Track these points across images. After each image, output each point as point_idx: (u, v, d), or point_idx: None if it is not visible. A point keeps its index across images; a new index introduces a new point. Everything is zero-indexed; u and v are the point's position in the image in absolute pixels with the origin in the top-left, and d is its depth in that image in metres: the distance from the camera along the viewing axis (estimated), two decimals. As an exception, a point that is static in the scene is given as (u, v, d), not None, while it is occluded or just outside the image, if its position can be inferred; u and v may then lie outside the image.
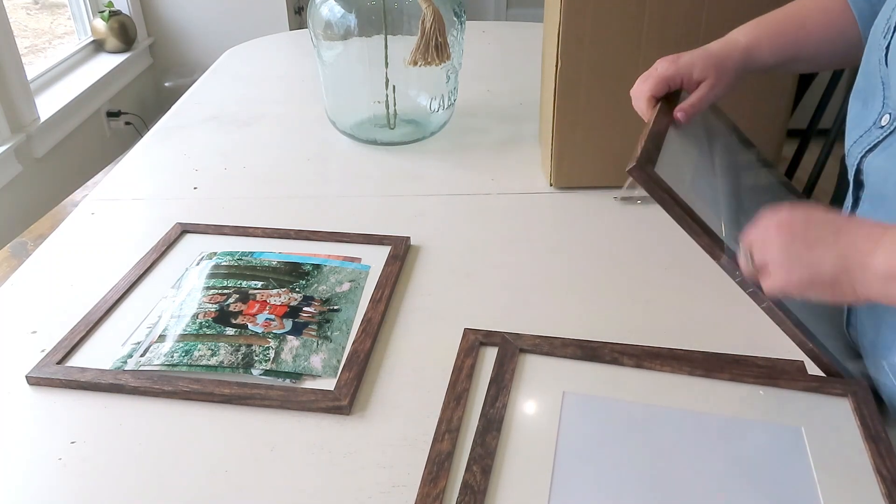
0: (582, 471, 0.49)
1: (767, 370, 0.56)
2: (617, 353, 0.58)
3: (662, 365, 0.57)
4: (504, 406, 0.54)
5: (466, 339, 0.62)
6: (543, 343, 0.59)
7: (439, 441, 0.52)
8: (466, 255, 0.77)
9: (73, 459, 0.53)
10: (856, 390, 0.54)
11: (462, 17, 0.97)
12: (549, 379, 0.56)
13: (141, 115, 2.49)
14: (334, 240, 0.78)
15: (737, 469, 0.49)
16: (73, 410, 0.57)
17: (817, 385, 0.54)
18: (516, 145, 1.03)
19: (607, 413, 0.53)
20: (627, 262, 0.76)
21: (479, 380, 0.58)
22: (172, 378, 0.58)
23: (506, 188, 0.91)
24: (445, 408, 0.55)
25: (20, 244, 0.91)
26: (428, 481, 0.49)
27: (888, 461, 0.49)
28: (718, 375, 0.56)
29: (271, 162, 0.99)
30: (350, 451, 0.53)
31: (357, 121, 1.04)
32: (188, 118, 1.15)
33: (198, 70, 2.58)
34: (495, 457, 0.50)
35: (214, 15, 2.55)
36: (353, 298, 0.69)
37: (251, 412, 0.57)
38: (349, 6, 0.94)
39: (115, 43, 2.42)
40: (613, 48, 0.83)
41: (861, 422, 0.51)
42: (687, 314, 0.67)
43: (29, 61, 2.16)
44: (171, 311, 0.66)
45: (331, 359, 0.61)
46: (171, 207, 0.88)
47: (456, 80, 1.02)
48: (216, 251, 0.76)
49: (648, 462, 0.49)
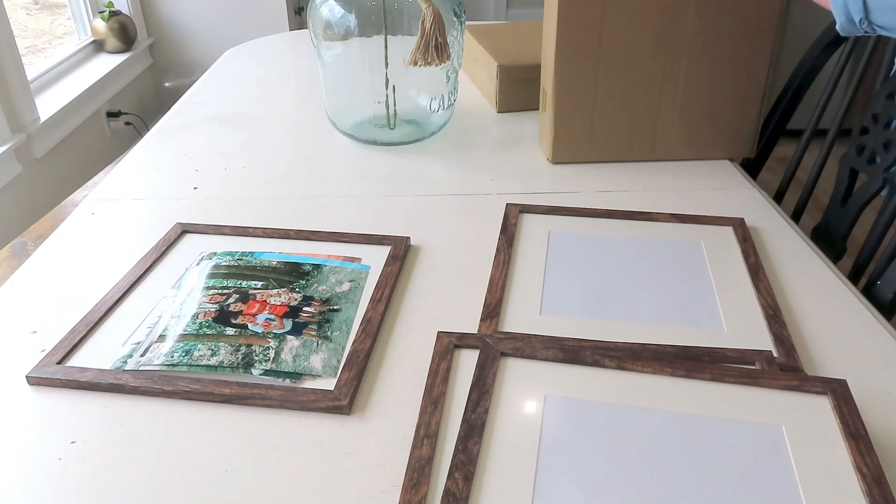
0: (565, 474, 0.49)
1: (748, 371, 0.56)
2: (598, 356, 0.58)
3: (644, 366, 0.57)
4: (486, 411, 0.54)
5: (440, 342, 0.61)
6: (525, 346, 0.59)
7: (418, 447, 0.52)
8: (466, 255, 0.77)
9: (73, 459, 0.53)
10: (835, 388, 0.54)
11: (462, 17, 0.98)
12: (531, 382, 0.56)
13: (141, 115, 2.49)
14: (334, 240, 0.78)
15: (719, 469, 0.49)
16: (73, 410, 0.57)
17: (797, 384, 0.54)
18: (516, 145, 1.04)
19: (589, 415, 0.53)
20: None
21: (454, 383, 0.58)
22: (172, 378, 0.58)
23: (506, 188, 0.91)
24: (423, 412, 0.55)
25: (20, 244, 0.91)
26: (409, 488, 0.49)
27: (868, 459, 0.49)
28: (699, 376, 0.56)
29: (271, 162, 1.00)
30: (350, 451, 0.53)
31: (357, 121, 1.04)
32: (188, 118, 1.15)
33: (198, 70, 2.59)
34: (477, 463, 0.50)
35: (214, 15, 2.55)
36: (353, 298, 0.69)
37: (251, 412, 0.57)
38: (349, 6, 0.94)
39: (115, 43, 2.42)
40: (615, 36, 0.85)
41: (841, 420, 0.52)
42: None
43: (29, 61, 2.16)
44: (171, 311, 0.67)
45: (331, 359, 0.61)
46: (171, 207, 0.88)
47: (456, 80, 1.02)
48: (216, 251, 0.76)
49: (631, 464, 0.50)
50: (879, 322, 0.66)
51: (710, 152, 0.97)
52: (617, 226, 0.80)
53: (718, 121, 0.95)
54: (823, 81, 1.02)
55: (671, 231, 0.79)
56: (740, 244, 0.76)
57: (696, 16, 0.87)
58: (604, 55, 0.89)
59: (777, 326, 0.63)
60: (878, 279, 0.76)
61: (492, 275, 0.71)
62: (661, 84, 0.92)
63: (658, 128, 0.95)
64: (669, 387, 0.55)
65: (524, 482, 0.49)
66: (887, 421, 0.55)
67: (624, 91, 0.92)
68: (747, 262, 0.72)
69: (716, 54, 0.90)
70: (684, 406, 0.54)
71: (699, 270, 0.72)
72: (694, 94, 0.93)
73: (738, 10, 0.88)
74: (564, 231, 0.79)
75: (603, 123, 0.94)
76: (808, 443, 0.51)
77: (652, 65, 0.90)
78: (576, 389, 0.56)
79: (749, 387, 0.55)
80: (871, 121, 0.88)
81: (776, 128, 1.08)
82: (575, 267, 0.73)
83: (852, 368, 0.60)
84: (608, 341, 0.62)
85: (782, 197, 1.01)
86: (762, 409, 0.53)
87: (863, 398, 0.57)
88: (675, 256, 0.74)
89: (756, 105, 0.94)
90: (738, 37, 0.89)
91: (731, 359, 0.60)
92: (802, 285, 0.71)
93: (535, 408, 0.54)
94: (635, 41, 0.89)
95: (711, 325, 0.64)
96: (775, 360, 0.59)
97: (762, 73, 0.92)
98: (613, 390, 0.55)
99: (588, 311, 0.66)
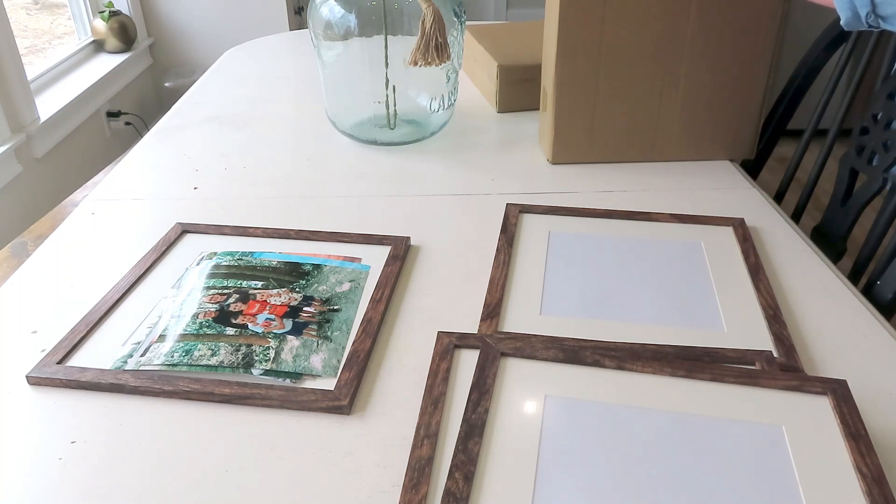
0: (565, 474, 0.49)
1: (748, 371, 0.56)
2: (598, 356, 0.58)
3: (644, 366, 0.57)
4: (486, 411, 0.54)
5: (440, 342, 0.61)
6: (525, 346, 0.59)
7: (418, 447, 0.52)
8: (466, 255, 0.77)
9: (73, 459, 0.53)
10: (835, 388, 0.54)
11: (462, 17, 0.98)
12: (531, 382, 0.56)
13: (141, 115, 2.49)
14: (334, 240, 0.78)
15: (719, 469, 0.49)
16: (73, 410, 0.57)
17: (797, 384, 0.54)
18: (516, 145, 1.04)
19: (589, 415, 0.53)
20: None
21: (454, 383, 0.58)
22: (172, 378, 0.58)
23: (506, 188, 0.91)
24: (423, 412, 0.55)
25: (20, 244, 0.91)
26: (409, 488, 0.49)
27: (868, 459, 0.49)
28: (699, 376, 0.56)
29: (271, 162, 1.00)
30: (350, 451, 0.53)
31: (357, 121, 1.04)
32: (188, 118, 1.15)
33: (198, 70, 2.59)
34: (478, 463, 0.50)
35: (214, 15, 2.55)
36: (353, 298, 0.69)
37: (251, 412, 0.57)
38: (349, 6, 0.94)
39: (115, 43, 2.42)
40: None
41: (841, 420, 0.52)
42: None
43: (29, 61, 2.16)
44: (171, 311, 0.67)
45: (331, 359, 0.61)
46: (171, 207, 0.88)
47: (456, 80, 1.02)
48: (216, 251, 0.76)
49: (631, 464, 0.50)
50: (879, 322, 0.66)
51: (710, 154, 0.97)
52: (617, 226, 0.80)
53: (719, 122, 0.95)
54: (824, 81, 1.02)
55: (671, 231, 0.79)
56: (740, 244, 0.76)
57: (698, 16, 0.87)
58: (604, 55, 0.89)
59: (777, 326, 0.63)
60: (877, 279, 0.76)
61: (492, 275, 0.71)
62: (662, 85, 0.92)
63: (658, 129, 0.95)
64: (669, 387, 0.55)
65: (524, 482, 0.49)
66: (887, 421, 0.55)
67: (624, 92, 0.92)
68: (747, 262, 0.72)
69: (717, 55, 0.90)
70: (684, 406, 0.54)
71: (699, 270, 0.72)
72: (694, 95, 0.93)
73: (739, 11, 0.88)
74: (564, 231, 0.79)
75: (603, 124, 0.94)
76: (808, 443, 0.51)
77: (653, 66, 0.90)
78: (576, 389, 0.56)
79: (749, 387, 0.55)
80: (871, 121, 0.88)
81: (776, 128, 1.08)
82: (575, 267, 0.73)
83: (852, 368, 0.60)
84: (608, 341, 0.62)
85: (782, 197, 1.01)
86: (762, 409, 0.53)
87: (863, 398, 0.57)
88: (675, 256, 0.74)
89: (756, 106, 0.94)
90: (740, 38, 0.89)
91: (731, 359, 0.60)
92: (802, 285, 0.71)
93: (535, 408, 0.54)
94: (636, 42, 0.89)
95: (711, 325, 0.64)
96: (775, 360, 0.59)
97: (763, 75, 0.92)
98: (613, 390, 0.55)
99: (588, 311, 0.66)
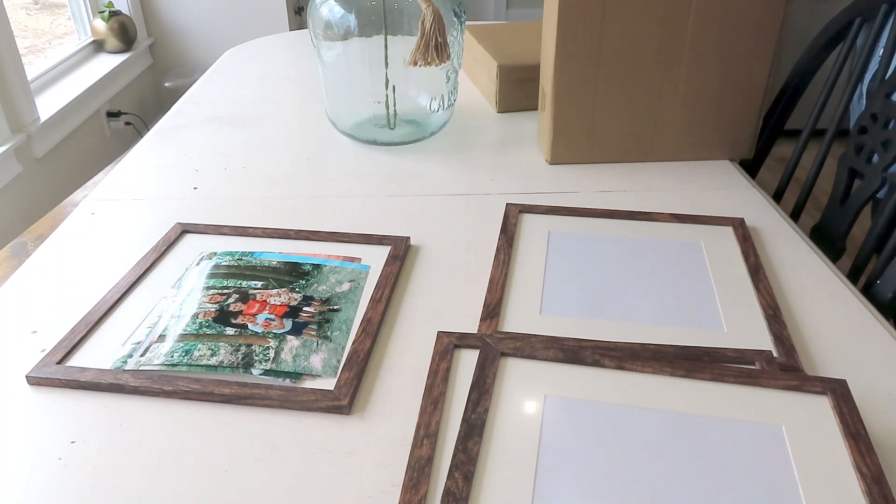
0: (565, 474, 0.49)
1: (748, 371, 0.56)
2: (598, 356, 0.58)
3: (644, 366, 0.57)
4: (486, 411, 0.54)
5: (440, 342, 0.61)
6: (525, 346, 0.59)
7: (418, 447, 0.52)
8: (466, 255, 0.77)
9: (73, 459, 0.53)
10: (835, 388, 0.54)
11: (462, 17, 0.98)
12: (531, 382, 0.56)
13: (141, 115, 2.49)
14: (334, 240, 0.78)
15: (719, 469, 0.49)
16: (73, 410, 0.57)
17: (797, 384, 0.54)
18: (516, 145, 1.04)
19: (589, 415, 0.53)
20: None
21: (454, 383, 0.58)
22: (172, 378, 0.59)
23: (506, 188, 0.91)
24: (423, 412, 0.55)
25: (20, 244, 0.91)
26: (409, 488, 0.49)
27: (868, 459, 0.49)
28: (699, 376, 0.56)
29: (271, 162, 1.00)
30: (350, 451, 0.53)
31: (357, 121, 1.04)
32: (188, 118, 1.15)
33: (198, 70, 2.59)
34: (477, 462, 0.50)
35: (214, 15, 2.55)
36: (353, 298, 0.69)
37: (251, 412, 0.57)
38: (349, 6, 0.94)
39: (115, 43, 2.42)
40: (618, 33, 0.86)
41: (841, 419, 0.52)
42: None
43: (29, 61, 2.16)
44: (171, 311, 0.67)
45: (331, 359, 0.61)
46: (171, 207, 0.88)
47: (456, 80, 1.02)
48: (216, 251, 0.76)
49: (631, 464, 0.50)
50: (879, 322, 0.66)
51: (710, 154, 0.97)
52: (617, 226, 0.80)
53: (718, 122, 0.95)
54: (822, 81, 1.02)
55: (671, 231, 0.79)
56: (740, 244, 0.76)
57: (697, 17, 0.87)
58: (604, 56, 0.89)
59: (777, 326, 0.63)
60: (877, 279, 0.76)
61: (492, 275, 0.71)
62: (661, 86, 0.92)
63: (658, 129, 0.95)
64: (669, 387, 0.55)
65: (524, 482, 0.49)
66: (887, 421, 0.55)
67: (623, 92, 0.92)
68: (747, 262, 0.73)
69: (717, 56, 0.90)
70: (684, 406, 0.54)
71: (699, 270, 0.72)
72: (694, 95, 0.93)
73: (739, 12, 0.88)
74: (564, 231, 0.79)
75: (602, 124, 0.94)
76: (808, 443, 0.51)
77: (652, 66, 0.90)
78: (576, 389, 0.56)
79: (749, 387, 0.55)
80: (869, 120, 0.88)
81: (775, 127, 1.08)
82: (575, 267, 0.73)
83: (852, 368, 0.60)
84: (608, 341, 0.62)
85: (781, 196, 1.01)
86: (762, 409, 0.53)
87: (863, 398, 0.57)
88: (675, 256, 0.74)
89: (756, 107, 0.94)
90: (740, 39, 0.89)
91: (731, 359, 0.60)
92: (802, 285, 0.71)
93: (535, 408, 0.54)
94: (636, 42, 0.89)
95: (711, 325, 0.64)
96: (775, 360, 0.59)
97: (763, 76, 0.92)
98: (613, 390, 0.55)
99: (588, 311, 0.66)
